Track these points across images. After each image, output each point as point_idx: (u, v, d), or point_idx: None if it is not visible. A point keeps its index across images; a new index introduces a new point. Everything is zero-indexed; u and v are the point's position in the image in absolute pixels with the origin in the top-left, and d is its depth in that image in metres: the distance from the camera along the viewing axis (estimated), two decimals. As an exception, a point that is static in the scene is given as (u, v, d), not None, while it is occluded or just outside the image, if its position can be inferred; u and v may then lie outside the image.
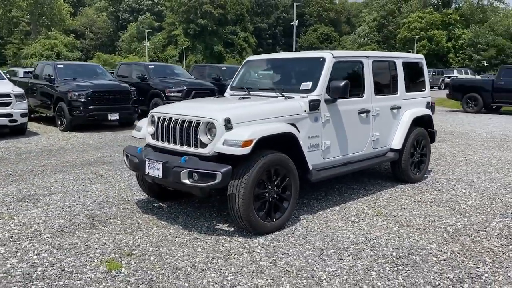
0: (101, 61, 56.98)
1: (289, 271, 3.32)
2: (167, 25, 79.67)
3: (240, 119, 4.01)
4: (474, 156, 8.00)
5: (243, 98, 4.80)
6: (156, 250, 3.71)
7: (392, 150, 5.66)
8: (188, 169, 3.84)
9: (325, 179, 4.76)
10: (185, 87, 12.44)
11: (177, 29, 77.12)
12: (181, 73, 14.23)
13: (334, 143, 4.83)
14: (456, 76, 36.98)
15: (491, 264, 3.44)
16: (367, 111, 5.18)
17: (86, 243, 3.84)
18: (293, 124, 4.34)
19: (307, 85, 4.72)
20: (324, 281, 3.17)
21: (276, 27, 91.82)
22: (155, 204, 4.99)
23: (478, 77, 40.29)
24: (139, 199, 5.21)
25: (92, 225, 4.32)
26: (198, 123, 4.04)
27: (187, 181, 3.85)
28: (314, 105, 4.54)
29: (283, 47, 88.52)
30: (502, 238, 3.99)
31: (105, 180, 6.09)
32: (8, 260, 3.50)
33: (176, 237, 4.00)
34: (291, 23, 38.91)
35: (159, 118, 4.46)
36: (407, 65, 5.88)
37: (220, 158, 3.97)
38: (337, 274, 3.28)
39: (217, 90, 13.28)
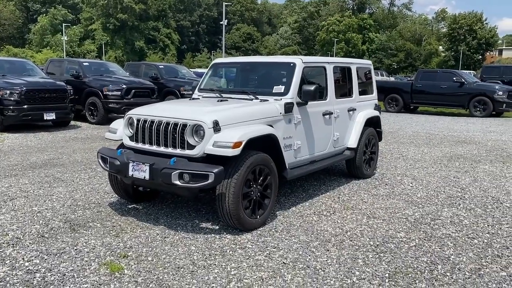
0: (11, 55, 52.95)
1: (285, 263, 3.57)
2: (83, 19, 75.87)
3: (226, 121, 4.18)
4: (408, 153, 8.81)
5: (221, 100, 4.95)
6: (150, 251, 3.77)
7: (348, 148, 6.14)
8: (179, 170, 3.93)
9: (297, 177, 5.07)
10: (124, 86, 12.18)
11: (95, 23, 73.76)
12: (117, 71, 13.86)
13: (304, 143, 5.16)
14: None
15: (453, 248, 3.97)
16: (330, 113, 5.58)
17: (75, 247, 3.79)
18: (270, 126, 4.60)
19: (280, 88, 5.00)
20: (320, 270, 3.46)
21: (199, 24, 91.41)
22: (129, 206, 4.98)
23: (392, 79, 43.35)
24: (110, 201, 5.15)
25: (72, 229, 4.24)
26: (184, 125, 4.13)
27: (177, 182, 3.94)
28: (289, 108, 4.83)
29: (207, 45, 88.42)
30: (456, 225, 4.57)
31: (65, 183, 5.90)
32: (-2, 268, 3.37)
33: (165, 237, 4.08)
34: (220, 23, 38.89)
35: (139, 120, 4.47)
36: (359, 70, 6.40)
37: (207, 159, 4.11)
38: (329, 263, 3.59)
39: (156, 89, 13.18)
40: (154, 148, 4.34)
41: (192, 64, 67.08)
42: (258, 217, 4.34)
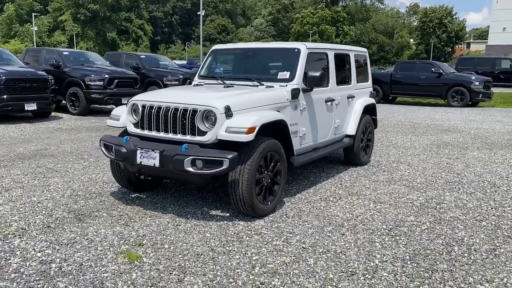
0: (-23, 45, 50.92)
1: (304, 248, 3.55)
2: (52, 9, 73.59)
3: (237, 107, 4.11)
4: (397, 141, 8.93)
5: (227, 86, 4.87)
6: (165, 239, 3.68)
7: (347, 136, 6.16)
8: (192, 157, 3.84)
9: (303, 164, 5.05)
10: (106, 76, 11.89)
11: (65, 13, 71.67)
12: (98, 61, 13.50)
13: (308, 130, 5.14)
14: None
15: (464, 230, 4.03)
16: (332, 100, 5.58)
17: (86, 237, 3.67)
18: (278, 112, 4.55)
19: (285, 74, 4.95)
20: (340, 254, 3.46)
21: (173, 15, 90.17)
22: (133, 195, 4.86)
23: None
24: (111, 191, 5.01)
25: (78, 219, 4.10)
26: (194, 111, 4.04)
27: (190, 169, 3.86)
28: (295, 94, 4.79)
29: (180, 36, 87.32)
30: (461, 209, 4.65)
31: (60, 173, 5.71)
32: (10, 259, 3.22)
33: (177, 225, 3.99)
34: (198, 13, 38.31)
35: (144, 107, 4.34)
36: (357, 58, 6.41)
37: (219, 145, 4.04)
38: (347, 247, 3.59)
39: (139, 79, 12.93)
40: (162, 134, 4.23)
41: (167, 55, 66.10)
42: (269, 203, 4.30)
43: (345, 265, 3.26)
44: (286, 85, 4.83)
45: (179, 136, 4.13)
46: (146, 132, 4.35)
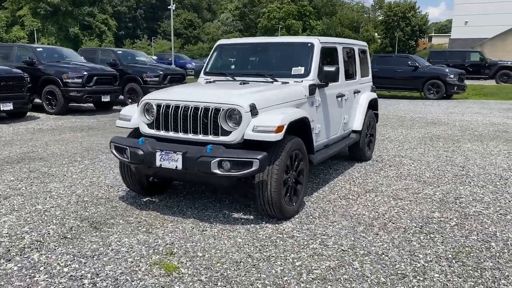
0: None
1: (344, 250, 3.42)
2: (9, 3, 70.48)
3: (261, 104, 3.92)
4: (389, 134, 8.96)
5: (244, 83, 4.66)
6: (196, 246, 3.47)
7: (354, 131, 6.07)
8: (219, 158, 3.64)
9: (321, 161, 4.92)
10: (85, 73, 11.40)
11: (23, 8, 68.78)
12: (73, 57, 12.92)
13: (322, 126, 5.01)
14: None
15: (493, 225, 4.01)
16: (342, 95, 5.47)
17: (110, 247, 3.41)
18: (298, 109, 4.39)
19: (299, 70, 4.79)
20: (383, 255, 3.35)
21: (137, 10, 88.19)
22: (144, 200, 4.60)
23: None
24: (119, 195, 4.73)
25: (94, 227, 3.82)
26: (217, 109, 3.82)
27: (217, 171, 3.65)
28: (312, 90, 4.65)
29: (145, 31, 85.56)
30: (480, 202, 4.64)
31: (58, 178, 5.36)
32: (35, 277, 2.94)
33: (203, 231, 3.78)
34: (168, 7, 37.52)
35: (159, 106, 4.09)
36: (360, 52, 6.33)
37: (243, 145, 3.85)
38: (387, 248, 3.49)
39: (118, 76, 12.49)
40: (181, 135, 4.00)
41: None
42: (294, 204, 4.15)
43: (392, 267, 3.15)
44: (302, 81, 4.68)
45: (200, 137, 3.91)
46: (162, 133, 4.10)
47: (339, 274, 3.05)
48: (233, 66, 5.48)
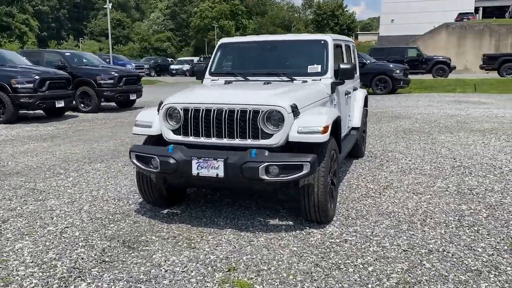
0: None
1: (405, 250, 3.35)
2: None
3: (300, 105, 3.75)
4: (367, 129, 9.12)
5: (267, 83, 4.44)
6: (253, 259, 3.23)
7: (353, 128, 6.07)
8: (266, 163, 3.42)
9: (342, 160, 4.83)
10: (37, 77, 10.51)
11: None
12: (19, 60, 11.85)
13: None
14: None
15: (522, 213, 4.16)
16: (349, 93, 5.44)
17: (162, 269, 3.08)
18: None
19: (316, 68, 4.67)
20: (444, 251, 3.31)
21: (60, 10, 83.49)
22: (164, 212, 4.26)
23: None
24: (134, 209, 4.35)
25: (128, 247, 3.45)
26: (256, 111, 3.60)
27: (265, 177, 3.43)
28: (333, 88, 4.56)
29: (71, 32, 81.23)
30: (495, 192, 4.78)
31: (52, 194, 4.84)
32: (99, 311, 2.56)
33: (250, 241, 3.54)
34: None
35: (187, 110, 3.78)
36: (354, 49, 6.34)
37: (285, 148, 3.66)
38: (444, 244, 3.46)
39: (71, 79, 11.69)
40: (214, 140, 3.72)
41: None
42: (332, 206, 4.03)
43: (463, 264, 3.13)
44: (320, 79, 4.57)
45: (236, 141, 3.66)
46: (191, 139, 3.80)
47: (417, 275, 2.97)
48: (240, 66, 5.23)
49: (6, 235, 3.68)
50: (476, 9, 40.64)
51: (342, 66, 4.64)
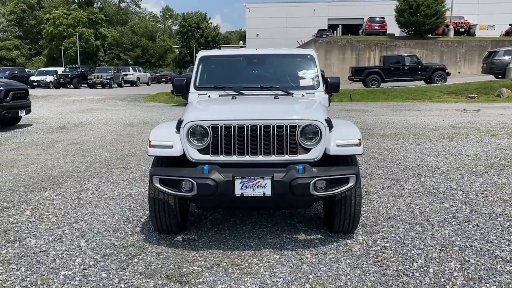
0: None
1: (448, 249, 3.59)
2: None
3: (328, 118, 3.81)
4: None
5: (276, 97, 4.35)
6: (320, 276, 3.18)
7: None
8: (316, 178, 3.40)
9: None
10: (2, 88, 10.71)
11: None
12: None
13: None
14: (132, 74, 38.74)
15: None
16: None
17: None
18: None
19: (308, 81, 4.78)
20: (478, 248, 3.67)
21: None
22: (179, 239, 3.92)
23: (148, 74, 43.51)
24: (142, 239, 3.91)
25: (179, 281, 3.10)
26: (293, 126, 3.55)
27: (315, 192, 3.40)
28: (330, 101, 4.70)
29: None
30: (460, 191, 5.40)
31: (30, 233, 4.05)
32: None
33: (300, 259, 3.46)
34: None
35: (216, 128, 3.55)
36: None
37: (320, 162, 3.69)
38: (478, 239, 3.80)
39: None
40: (248, 158, 3.56)
41: None
42: (357, 216, 4.15)
43: (500, 263, 3.38)
44: (314, 93, 4.68)
45: (273, 158, 3.57)
46: (222, 158, 3.57)
47: (474, 272, 3.24)
48: (228, 79, 5.02)
49: (11, 265, 2.99)
50: (334, 26, 45.18)
51: (330, 79, 4.82)
